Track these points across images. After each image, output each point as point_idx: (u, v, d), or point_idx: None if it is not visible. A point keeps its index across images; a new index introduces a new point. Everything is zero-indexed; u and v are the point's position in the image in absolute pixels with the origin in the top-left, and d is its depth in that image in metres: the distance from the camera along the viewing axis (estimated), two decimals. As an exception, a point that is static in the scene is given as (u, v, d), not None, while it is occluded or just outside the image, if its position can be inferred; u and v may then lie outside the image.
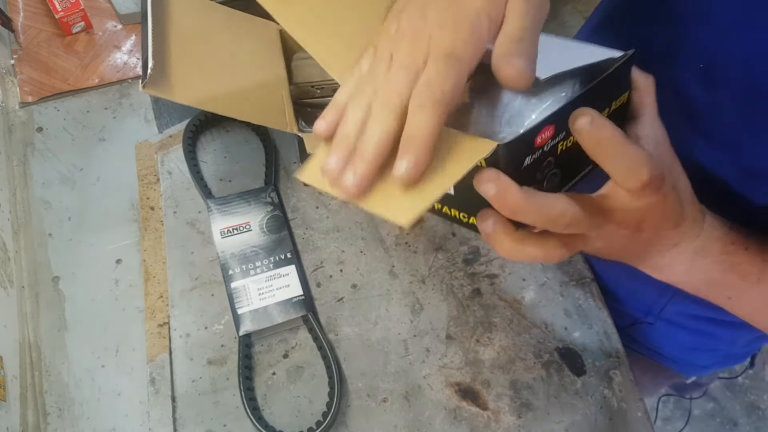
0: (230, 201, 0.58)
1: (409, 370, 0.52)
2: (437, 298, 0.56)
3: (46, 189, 0.62)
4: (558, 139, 0.31)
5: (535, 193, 0.29)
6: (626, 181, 0.30)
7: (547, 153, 0.31)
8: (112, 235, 0.59)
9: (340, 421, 0.50)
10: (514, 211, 0.29)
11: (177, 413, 0.50)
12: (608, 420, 0.51)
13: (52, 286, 0.57)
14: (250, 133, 0.65)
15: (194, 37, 0.54)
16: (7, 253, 0.57)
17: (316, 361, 0.52)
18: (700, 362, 0.67)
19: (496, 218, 0.30)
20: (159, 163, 0.62)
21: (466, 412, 0.51)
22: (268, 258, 0.55)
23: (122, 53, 0.72)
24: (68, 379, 0.52)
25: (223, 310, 0.54)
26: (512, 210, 0.29)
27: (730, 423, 1.44)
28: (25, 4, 0.75)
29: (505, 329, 0.55)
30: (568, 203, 0.30)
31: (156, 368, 0.51)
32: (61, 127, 0.66)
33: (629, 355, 0.55)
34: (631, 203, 0.31)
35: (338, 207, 0.60)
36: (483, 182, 0.28)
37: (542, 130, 0.29)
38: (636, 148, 0.29)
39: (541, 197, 0.29)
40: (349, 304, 0.55)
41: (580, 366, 0.53)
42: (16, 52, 0.71)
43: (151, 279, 0.56)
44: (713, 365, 0.68)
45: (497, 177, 0.28)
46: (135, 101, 0.68)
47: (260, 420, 0.48)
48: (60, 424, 0.50)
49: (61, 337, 0.54)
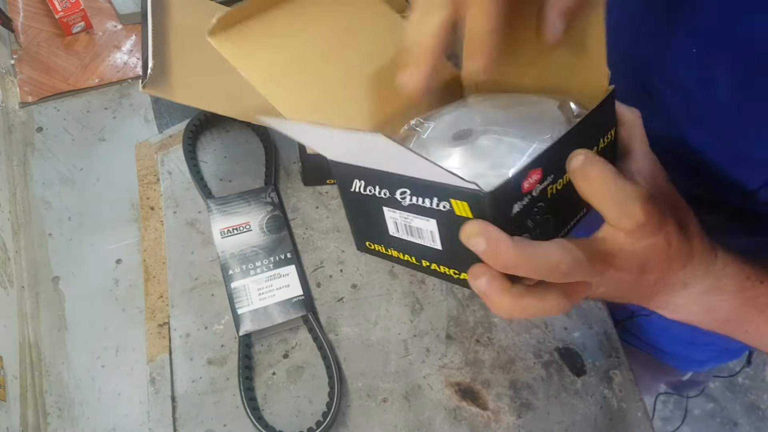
0: (230, 201, 0.58)
1: (409, 370, 0.52)
2: (437, 298, 0.56)
3: (46, 189, 0.62)
4: (546, 183, 0.29)
5: (529, 243, 0.27)
6: (620, 221, 0.28)
7: (536, 198, 0.29)
8: (112, 235, 0.59)
9: (340, 421, 0.50)
10: (507, 265, 0.27)
11: (177, 413, 0.50)
12: (608, 420, 0.51)
13: (52, 286, 0.57)
14: (250, 133, 0.65)
15: (194, 37, 0.54)
16: (7, 253, 0.57)
17: (316, 361, 0.52)
18: (696, 357, 0.67)
19: (489, 275, 0.28)
20: (159, 163, 0.62)
21: (466, 412, 0.51)
22: (268, 258, 0.55)
23: (122, 53, 0.72)
24: (68, 379, 0.52)
25: (223, 310, 0.54)
26: (505, 264, 0.27)
27: (730, 423, 1.44)
28: (25, 4, 0.75)
29: (505, 329, 0.55)
30: (565, 251, 0.28)
31: (156, 368, 0.51)
32: (61, 127, 0.66)
33: (627, 351, 0.54)
34: (632, 245, 0.30)
35: (338, 207, 0.60)
36: (471, 236, 0.27)
37: (529, 174, 0.28)
38: (628, 184, 0.28)
39: (535, 247, 0.27)
40: (349, 304, 0.55)
41: (580, 366, 0.53)
42: (16, 52, 0.71)
43: (151, 279, 0.56)
44: (710, 360, 0.68)
45: (486, 229, 0.26)
46: (135, 101, 0.68)
47: (260, 420, 0.48)
48: (60, 424, 0.50)
49: (61, 337, 0.54)
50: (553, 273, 0.27)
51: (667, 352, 0.66)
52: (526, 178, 0.28)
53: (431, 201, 0.30)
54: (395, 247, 0.35)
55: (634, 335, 0.65)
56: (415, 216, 0.31)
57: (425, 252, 0.33)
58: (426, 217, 0.31)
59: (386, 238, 0.35)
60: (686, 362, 0.69)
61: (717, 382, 1.48)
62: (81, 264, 0.58)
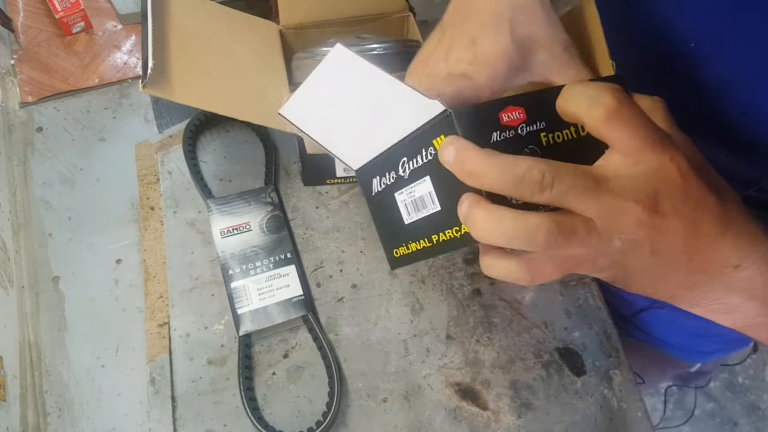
0: (230, 201, 0.58)
1: (409, 370, 0.52)
2: (437, 298, 0.56)
3: (46, 189, 0.62)
4: (537, 128, 0.30)
5: (499, 153, 0.26)
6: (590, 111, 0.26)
7: (523, 138, 0.29)
8: (112, 235, 0.59)
9: (340, 421, 0.50)
10: (473, 171, 0.26)
11: (177, 413, 0.50)
12: (608, 420, 0.51)
13: (52, 286, 0.57)
14: (250, 133, 0.65)
15: (194, 37, 0.54)
16: (7, 253, 0.57)
17: (316, 361, 0.52)
18: (705, 348, 0.66)
19: (472, 196, 0.27)
20: (159, 163, 0.62)
21: (466, 412, 0.51)
22: (268, 258, 0.55)
23: (122, 53, 0.72)
24: (68, 379, 0.52)
25: (223, 310, 0.54)
26: (471, 170, 0.26)
27: (730, 423, 1.44)
28: (25, 4, 0.75)
29: (505, 329, 0.55)
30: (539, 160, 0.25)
31: (156, 368, 0.51)
32: (61, 127, 0.66)
33: (635, 346, 0.54)
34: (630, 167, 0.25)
35: (338, 207, 0.60)
36: (443, 149, 0.27)
37: (507, 108, 0.29)
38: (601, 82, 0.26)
39: (503, 155, 0.25)
40: (349, 304, 0.55)
41: (580, 366, 0.53)
42: (16, 52, 0.71)
43: (151, 279, 0.56)
44: (718, 351, 0.68)
45: (456, 139, 0.27)
46: (135, 101, 0.68)
47: (260, 420, 0.48)
48: (60, 424, 0.50)
49: (61, 337, 0.54)
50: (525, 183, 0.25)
51: (675, 345, 0.65)
52: (505, 111, 0.29)
53: (422, 155, 0.32)
54: (413, 238, 0.36)
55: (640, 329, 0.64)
56: (416, 184, 0.33)
57: (432, 224, 0.34)
58: (423, 178, 0.32)
59: (404, 232, 0.37)
60: (694, 354, 0.68)
61: (717, 382, 1.48)
62: (81, 264, 0.58)
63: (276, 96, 0.56)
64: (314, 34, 0.63)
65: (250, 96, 0.54)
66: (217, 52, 0.56)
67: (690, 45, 0.40)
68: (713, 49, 0.39)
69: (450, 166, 0.27)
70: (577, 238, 0.25)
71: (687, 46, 0.40)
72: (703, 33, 0.39)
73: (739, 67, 0.38)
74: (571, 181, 0.25)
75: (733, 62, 0.39)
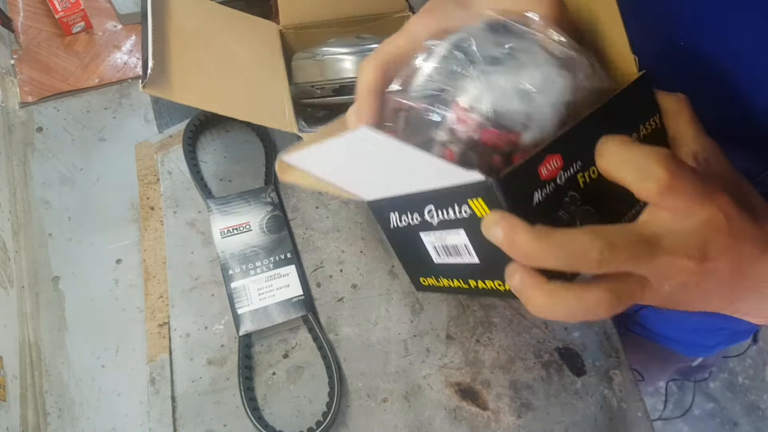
0: (230, 201, 0.58)
1: (409, 370, 0.52)
2: (437, 298, 0.56)
3: (46, 189, 0.62)
4: (574, 170, 0.28)
5: (551, 229, 0.24)
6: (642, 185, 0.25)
7: (563, 186, 0.27)
8: (112, 235, 0.59)
9: (340, 421, 0.50)
10: (528, 253, 0.25)
11: (177, 413, 0.50)
12: (608, 420, 0.51)
13: (52, 286, 0.57)
14: (250, 133, 0.65)
15: (194, 37, 0.54)
16: (7, 253, 0.57)
17: (316, 361, 0.52)
18: (706, 342, 0.66)
19: (522, 270, 0.26)
20: (159, 163, 0.62)
21: (466, 412, 0.51)
22: (268, 258, 0.55)
23: (122, 53, 0.72)
24: (68, 379, 0.52)
25: (223, 310, 0.54)
26: (525, 252, 0.25)
27: (730, 423, 1.44)
28: (25, 4, 0.75)
29: (505, 329, 0.55)
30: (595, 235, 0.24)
31: (156, 368, 0.51)
32: (61, 127, 0.66)
33: (636, 341, 0.54)
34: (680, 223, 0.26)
35: (338, 207, 0.60)
36: (489, 227, 0.25)
37: (545, 159, 0.26)
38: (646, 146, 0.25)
39: (558, 232, 0.24)
40: (349, 304, 0.55)
41: (580, 366, 0.53)
42: (16, 52, 0.71)
43: (151, 279, 0.56)
44: (719, 344, 0.67)
45: (503, 216, 0.25)
46: (135, 101, 0.68)
47: (260, 420, 0.48)
48: (60, 424, 0.50)
49: (61, 337, 0.54)
50: (582, 261, 0.24)
51: (676, 340, 0.65)
52: (543, 164, 0.26)
53: (454, 210, 0.29)
54: (444, 275, 0.34)
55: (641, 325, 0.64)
56: (447, 232, 0.31)
57: (468, 270, 0.32)
58: (455, 230, 0.30)
59: (433, 268, 0.35)
60: (696, 348, 0.68)
61: (717, 382, 1.48)
62: (81, 264, 0.58)
63: (276, 96, 0.56)
64: (314, 34, 0.63)
65: (250, 96, 0.54)
66: (217, 52, 0.56)
67: (688, 39, 0.40)
68: (714, 43, 0.39)
69: (499, 245, 0.25)
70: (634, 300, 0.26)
71: (686, 40, 0.40)
72: (702, 27, 0.39)
73: (739, 60, 0.38)
74: (627, 254, 0.25)
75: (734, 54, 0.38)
